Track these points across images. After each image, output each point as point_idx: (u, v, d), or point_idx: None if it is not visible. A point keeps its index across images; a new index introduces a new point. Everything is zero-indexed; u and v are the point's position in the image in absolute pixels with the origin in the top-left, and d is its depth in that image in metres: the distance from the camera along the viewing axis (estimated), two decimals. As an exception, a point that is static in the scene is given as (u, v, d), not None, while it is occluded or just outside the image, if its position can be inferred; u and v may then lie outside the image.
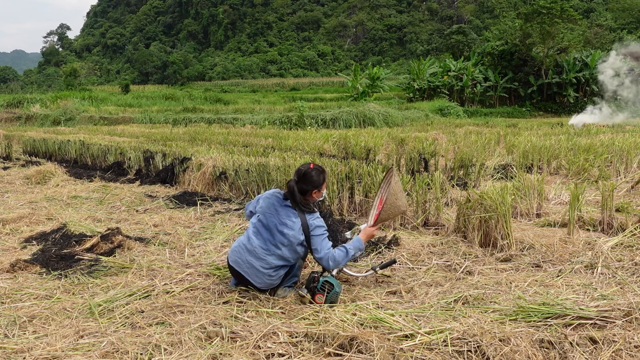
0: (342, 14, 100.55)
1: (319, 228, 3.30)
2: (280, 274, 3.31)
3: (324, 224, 3.35)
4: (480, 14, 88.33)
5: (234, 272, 3.36)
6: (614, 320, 2.75)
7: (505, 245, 4.11)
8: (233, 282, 3.47)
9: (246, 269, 3.29)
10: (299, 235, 3.26)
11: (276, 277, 3.30)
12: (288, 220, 3.28)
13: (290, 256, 3.31)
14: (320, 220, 3.35)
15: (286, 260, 3.31)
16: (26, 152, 13.23)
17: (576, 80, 35.47)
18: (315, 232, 3.28)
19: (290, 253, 3.29)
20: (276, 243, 3.27)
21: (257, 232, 3.34)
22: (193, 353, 2.55)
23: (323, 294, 3.14)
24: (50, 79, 79.49)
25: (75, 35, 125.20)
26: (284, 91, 57.56)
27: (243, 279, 3.32)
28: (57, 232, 4.97)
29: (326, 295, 3.14)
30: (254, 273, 3.27)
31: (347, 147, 10.80)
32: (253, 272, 3.27)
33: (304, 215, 3.30)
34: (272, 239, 3.28)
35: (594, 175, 7.44)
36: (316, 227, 3.29)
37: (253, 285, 3.31)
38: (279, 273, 3.31)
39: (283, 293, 3.33)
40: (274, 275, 3.28)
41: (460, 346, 2.54)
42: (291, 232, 3.25)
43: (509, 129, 16.86)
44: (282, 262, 3.30)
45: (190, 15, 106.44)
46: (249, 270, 3.28)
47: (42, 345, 2.67)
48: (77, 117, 27.63)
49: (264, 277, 3.27)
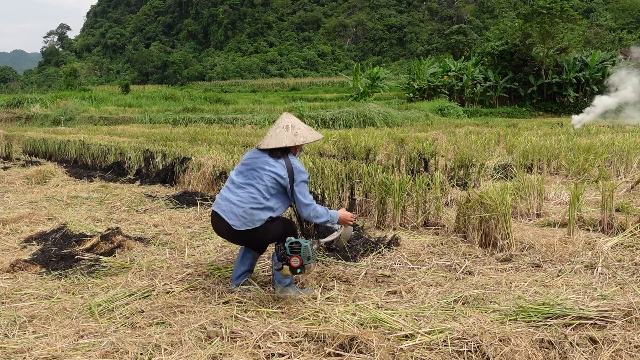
0: (342, 14, 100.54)
1: (303, 173, 3.33)
2: (256, 217, 3.24)
3: (306, 171, 3.40)
4: (480, 14, 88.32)
5: (213, 218, 3.38)
6: (614, 320, 2.75)
7: (505, 245, 4.11)
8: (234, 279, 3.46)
9: (224, 207, 3.30)
10: (281, 172, 3.28)
11: (250, 218, 3.23)
12: (269, 159, 3.33)
13: (268, 196, 3.27)
14: (304, 167, 3.39)
15: (264, 199, 3.26)
16: (26, 152, 13.23)
17: (576, 80, 35.45)
18: (300, 176, 3.30)
19: (268, 192, 3.27)
20: (255, 177, 3.30)
21: (239, 172, 3.40)
22: (193, 353, 2.55)
23: (296, 254, 3.12)
24: (50, 79, 79.47)
25: (75, 35, 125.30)
26: (284, 91, 57.53)
27: (221, 223, 3.30)
28: (57, 232, 4.97)
29: (299, 255, 3.11)
30: (230, 210, 3.26)
31: (347, 147, 10.80)
32: (229, 208, 3.27)
33: (287, 158, 3.34)
34: (252, 174, 3.32)
35: (594, 175, 7.45)
36: (301, 171, 3.32)
37: (229, 228, 3.26)
38: (255, 215, 3.24)
39: (281, 293, 3.31)
40: (248, 216, 3.22)
41: (460, 346, 2.54)
42: (274, 168, 3.29)
43: (509, 129, 16.86)
44: (261, 200, 3.25)
45: (190, 15, 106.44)
46: (226, 207, 3.28)
47: (42, 345, 2.68)
48: (77, 117, 27.61)
49: (239, 212, 3.23)
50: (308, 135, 3.45)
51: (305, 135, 3.42)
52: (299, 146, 3.47)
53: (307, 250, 3.14)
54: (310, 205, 3.32)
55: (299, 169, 3.33)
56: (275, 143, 3.33)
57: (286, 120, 3.45)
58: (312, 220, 3.38)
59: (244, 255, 3.49)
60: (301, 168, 3.35)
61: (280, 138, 3.35)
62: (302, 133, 3.42)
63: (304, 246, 3.14)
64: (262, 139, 3.42)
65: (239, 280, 3.46)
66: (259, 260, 4.09)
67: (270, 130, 3.43)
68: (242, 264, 3.48)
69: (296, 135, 3.38)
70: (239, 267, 3.48)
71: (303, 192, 3.32)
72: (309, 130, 3.49)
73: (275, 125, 3.45)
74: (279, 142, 3.34)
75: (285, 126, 3.40)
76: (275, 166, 3.30)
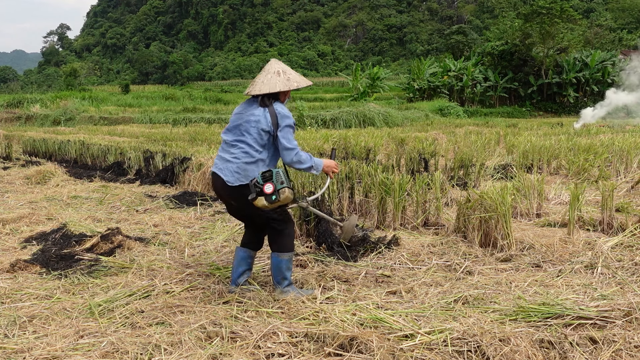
0: (342, 14, 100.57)
1: (287, 118, 3.24)
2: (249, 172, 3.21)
3: (292, 116, 3.32)
4: (480, 14, 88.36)
5: (212, 179, 3.38)
6: (614, 320, 2.75)
7: (505, 245, 4.11)
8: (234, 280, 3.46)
9: (220, 165, 3.30)
10: (266, 121, 3.21)
11: (244, 173, 3.21)
12: (255, 110, 3.28)
13: (260, 148, 3.24)
14: (289, 112, 3.32)
15: (256, 152, 3.23)
16: (26, 152, 13.23)
17: (576, 80, 35.47)
18: (284, 121, 3.23)
19: (258, 144, 3.23)
20: (244, 132, 3.26)
21: (228, 131, 3.38)
22: (193, 353, 2.55)
23: (269, 181, 3.10)
24: (50, 79, 79.43)
25: (75, 35, 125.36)
26: (284, 91, 57.40)
27: (217, 181, 3.30)
28: (57, 232, 4.97)
29: (272, 181, 3.10)
30: (225, 167, 3.26)
31: (347, 147, 10.80)
32: (224, 166, 3.27)
33: (272, 107, 3.27)
34: (240, 130, 3.28)
35: (594, 175, 7.45)
36: (285, 116, 3.24)
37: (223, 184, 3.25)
38: (249, 169, 3.21)
39: (282, 294, 3.30)
40: (242, 171, 3.21)
41: (460, 346, 2.54)
42: (258, 117, 3.23)
43: (509, 129, 16.86)
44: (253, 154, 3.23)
45: (190, 15, 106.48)
46: (222, 165, 3.29)
47: (42, 345, 2.67)
48: (77, 117, 27.61)
49: (233, 168, 3.23)
50: (301, 80, 3.36)
51: (298, 81, 3.33)
52: (287, 93, 3.38)
53: (279, 176, 3.11)
54: (293, 149, 3.22)
55: (282, 114, 3.23)
56: (268, 88, 3.23)
57: (276, 66, 3.34)
58: (295, 166, 3.27)
59: (241, 255, 3.49)
60: (286, 113, 3.26)
61: (273, 83, 3.25)
62: (295, 78, 3.33)
63: (275, 172, 3.12)
64: (251, 86, 3.32)
65: (240, 280, 3.46)
66: (258, 260, 4.09)
67: (261, 76, 3.31)
68: (240, 265, 3.47)
69: (289, 80, 3.29)
70: (238, 268, 3.47)
71: (287, 136, 3.22)
72: (300, 76, 3.40)
73: (265, 71, 3.33)
74: (272, 87, 3.24)
75: (277, 71, 3.29)
76: (260, 117, 3.23)
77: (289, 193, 3.10)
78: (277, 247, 3.35)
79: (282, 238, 3.36)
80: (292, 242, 3.41)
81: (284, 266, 3.35)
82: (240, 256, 3.48)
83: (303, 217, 4.61)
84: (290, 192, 3.12)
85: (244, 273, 3.48)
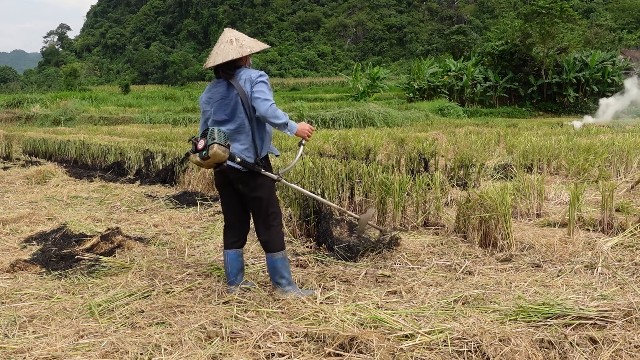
0: (342, 14, 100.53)
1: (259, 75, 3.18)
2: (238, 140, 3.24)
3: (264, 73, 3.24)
4: (480, 14, 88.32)
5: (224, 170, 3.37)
6: (614, 320, 2.75)
7: (505, 245, 4.11)
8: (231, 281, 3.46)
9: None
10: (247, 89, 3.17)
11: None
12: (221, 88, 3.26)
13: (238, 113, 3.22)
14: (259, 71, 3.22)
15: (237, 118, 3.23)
16: (26, 152, 13.23)
17: (576, 80, 35.45)
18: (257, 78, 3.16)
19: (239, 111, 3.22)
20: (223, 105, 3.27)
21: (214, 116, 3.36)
22: (193, 353, 2.55)
23: (203, 137, 3.13)
24: (50, 79, 79.39)
25: (75, 35, 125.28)
26: (284, 91, 57.48)
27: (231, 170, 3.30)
28: (57, 232, 4.97)
29: (206, 137, 3.12)
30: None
31: (347, 147, 10.80)
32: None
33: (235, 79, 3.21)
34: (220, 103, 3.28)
35: (594, 175, 7.45)
36: (261, 74, 3.18)
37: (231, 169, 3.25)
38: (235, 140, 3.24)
39: (281, 295, 3.30)
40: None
41: (460, 346, 2.54)
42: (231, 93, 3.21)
43: (509, 129, 16.87)
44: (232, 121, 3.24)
45: (190, 15, 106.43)
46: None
47: (42, 345, 2.68)
48: (77, 117, 27.61)
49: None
50: (254, 45, 3.27)
51: (251, 46, 3.24)
52: (247, 59, 3.30)
53: (213, 133, 3.12)
54: (269, 100, 3.13)
55: (250, 74, 3.18)
56: (222, 58, 3.17)
57: (229, 34, 3.27)
58: (270, 119, 3.13)
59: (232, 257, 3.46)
60: (255, 72, 3.18)
61: (226, 52, 3.18)
62: (248, 44, 3.24)
63: (210, 129, 3.14)
64: (207, 59, 3.26)
65: (237, 279, 3.46)
66: (258, 260, 4.09)
67: (215, 48, 3.25)
68: (234, 266, 3.45)
69: (242, 46, 3.21)
70: (232, 270, 3.45)
71: (261, 89, 3.14)
72: (254, 40, 3.32)
73: (218, 42, 3.26)
74: (225, 56, 3.17)
75: (229, 40, 3.23)
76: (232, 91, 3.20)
77: (217, 148, 3.07)
78: (269, 247, 3.34)
79: (271, 236, 3.33)
80: (282, 240, 3.38)
81: (279, 265, 3.32)
82: (231, 258, 3.46)
83: (303, 217, 4.61)
84: (220, 149, 3.09)
85: (239, 273, 3.48)
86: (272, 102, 3.14)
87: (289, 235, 4.59)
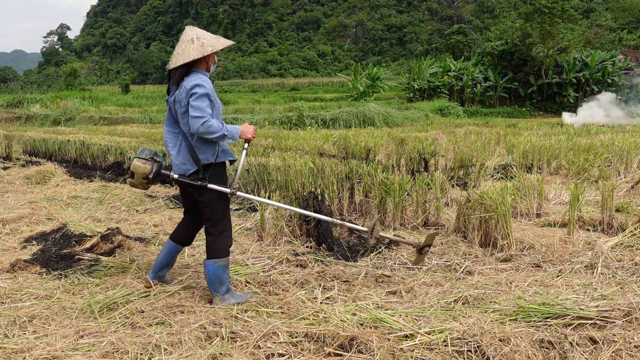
0: (342, 14, 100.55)
1: (199, 87, 3.02)
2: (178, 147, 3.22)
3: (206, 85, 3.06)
4: (480, 14, 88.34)
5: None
6: (614, 320, 2.75)
7: (505, 245, 4.11)
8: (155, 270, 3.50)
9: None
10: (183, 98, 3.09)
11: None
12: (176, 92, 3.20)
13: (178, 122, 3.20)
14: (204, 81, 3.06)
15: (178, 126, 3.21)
16: (26, 152, 13.22)
17: (576, 80, 35.46)
18: (194, 89, 3.01)
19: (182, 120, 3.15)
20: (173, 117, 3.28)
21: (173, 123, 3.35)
22: (193, 353, 2.55)
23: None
24: (50, 79, 79.40)
25: (75, 35, 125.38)
26: (284, 91, 57.50)
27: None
28: (57, 232, 4.97)
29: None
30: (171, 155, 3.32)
31: (347, 147, 10.80)
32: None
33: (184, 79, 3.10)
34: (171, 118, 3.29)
35: (594, 175, 7.45)
36: (197, 85, 3.02)
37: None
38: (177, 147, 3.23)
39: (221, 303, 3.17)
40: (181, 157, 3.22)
41: (460, 346, 2.54)
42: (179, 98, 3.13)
43: (509, 129, 16.87)
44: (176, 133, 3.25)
45: (190, 15, 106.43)
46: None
47: (42, 345, 2.67)
48: (77, 117, 27.61)
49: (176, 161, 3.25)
50: (216, 43, 3.14)
51: (213, 44, 3.11)
52: (211, 59, 3.19)
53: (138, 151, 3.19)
54: (201, 117, 2.97)
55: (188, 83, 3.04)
56: (183, 59, 3.05)
57: (190, 33, 3.14)
58: (206, 136, 3.02)
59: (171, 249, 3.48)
60: (199, 82, 3.03)
61: (187, 52, 3.06)
62: (210, 42, 3.11)
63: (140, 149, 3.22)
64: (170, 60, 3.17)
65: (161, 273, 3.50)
66: (258, 260, 4.09)
67: (177, 47, 3.13)
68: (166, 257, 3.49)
69: (203, 45, 3.08)
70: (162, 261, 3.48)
71: (196, 104, 2.99)
72: (217, 38, 3.19)
73: (180, 41, 3.15)
74: (186, 56, 3.05)
75: (190, 39, 3.10)
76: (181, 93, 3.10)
77: (136, 161, 3.13)
78: (214, 253, 3.19)
79: (216, 242, 3.20)
80: (228, 247, 3.23)
81: (221, 272, 3.18)
82: (169, 249, 3.47)
83: (303, 217, 4.62)
84: (140, 161, 3.13)
85: (166, 267, 3.50)
86: (204, 118, 2.98)
87: (289, 235, 4.59)
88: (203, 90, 3.03)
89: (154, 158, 3.18)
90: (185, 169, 3.19)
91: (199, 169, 3.15)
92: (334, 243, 4.32)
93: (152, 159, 3.16)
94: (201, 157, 3.15)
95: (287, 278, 3.66)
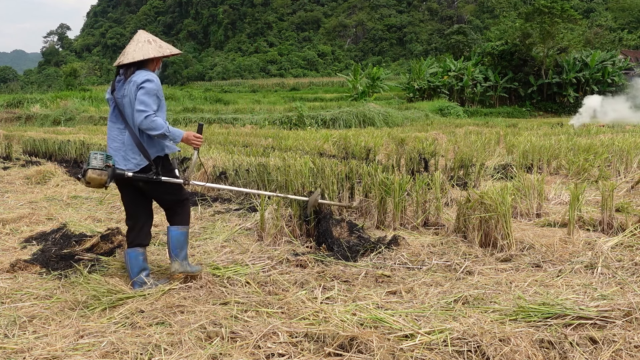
0: (342, 14, 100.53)
1: (148, 81, 3.22)
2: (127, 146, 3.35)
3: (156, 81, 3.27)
4: (480, 14, 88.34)
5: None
6: (614, 320, 2.75)
7: (505, 245, 4.11)
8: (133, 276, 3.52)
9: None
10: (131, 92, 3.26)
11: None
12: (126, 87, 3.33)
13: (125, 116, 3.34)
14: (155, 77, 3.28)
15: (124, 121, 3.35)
16: (26, 152, 13.23)
17: (576, 80, 35.47)
18: (144, 83, 3.21)
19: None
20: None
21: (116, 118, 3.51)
22: (193, 353, 2.55)
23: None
24: (50, 79, 79.39)
25: (75, 35, 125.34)
26: (284, 91, 57.53)
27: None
28: (57, 232, 4.97)
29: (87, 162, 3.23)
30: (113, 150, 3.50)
31: (347, 147, 10.80)
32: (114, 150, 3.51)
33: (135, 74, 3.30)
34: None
35: (594, 175, 7.45)
36: (147, 80, 3.22)
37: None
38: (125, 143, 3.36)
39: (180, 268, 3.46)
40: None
41: (460, 346, 2.54)
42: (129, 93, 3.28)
43: (509, 129, 16.88)
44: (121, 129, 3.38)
45: (190, 15, 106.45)
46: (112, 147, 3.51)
47: (42, 345, 2.67)
48: (77, 117, 27.62)
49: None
50: (173, 48, 3.45)
51: (170, 48, 3.42)
52: (158, 64, 3.43)
53: (89, 157, 3.22)
54: (145, 111, 3.16)
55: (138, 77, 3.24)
56: (142, 55, 3.28)
57: (145, 35, 3.40)
58: (147, 132, 3.23)
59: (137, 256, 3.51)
60: (150, 77, 3.25)
61: (145, 50, 3.30)
62: (167, 46, 3.41)
63: (90, 154, 3.24)
64: (121, 56, 3.34)
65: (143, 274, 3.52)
66: (258, 260, 4.09)
67: (131, 45, 3.34)
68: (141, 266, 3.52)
69: (161, 47, 3.37)
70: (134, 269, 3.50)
71: (143, 99, 3.19)
72: (170, 46, 3.48)
73: (134, 40, 3.36)
74: (145, 54, 3.29)
75: (147, 40, 3.36)
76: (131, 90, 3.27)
77: (91, 174, 3.19)
78: (179, 221, 3.54)
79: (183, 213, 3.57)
80: (189, 216, 3.63)
81: (183, 238, 3.54)
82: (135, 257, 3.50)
83: (303, 217, 4.61)
84: (95, 173, 3.20)
85: (143, 270, 3.54)
86: (148, 112, 3.17)
87: (289, 235, 4.59)
88: (153, 86, 3.23)
89: (107, 164, 3.24)
90: (136, 163, 3.34)
91: (150, 163, 3.33)
92: (334, 243, 4.32)
93: (106, 167, 3.24)
94: (150, 152, 3.35)
95: (287, 278, 3.66)
